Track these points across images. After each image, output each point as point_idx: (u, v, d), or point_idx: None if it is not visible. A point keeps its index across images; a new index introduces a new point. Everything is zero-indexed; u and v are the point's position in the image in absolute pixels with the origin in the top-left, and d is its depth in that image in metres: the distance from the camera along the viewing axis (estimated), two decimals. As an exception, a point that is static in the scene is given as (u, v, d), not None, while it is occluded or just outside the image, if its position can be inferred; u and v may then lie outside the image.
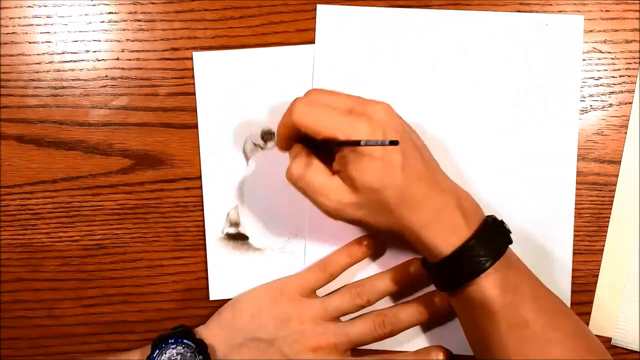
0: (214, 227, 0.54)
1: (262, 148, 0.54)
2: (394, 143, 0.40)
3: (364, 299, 0.51)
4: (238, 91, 0.54)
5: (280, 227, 0.54)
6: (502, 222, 0.47)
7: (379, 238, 0.53)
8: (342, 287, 0.53)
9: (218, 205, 0.54)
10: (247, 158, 0.54)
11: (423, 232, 0.45)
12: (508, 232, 0.47)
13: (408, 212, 0.44)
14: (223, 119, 0.54)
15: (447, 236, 0.44)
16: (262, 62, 0.53)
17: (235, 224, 0.54)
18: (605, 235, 0.53)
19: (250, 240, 0.54)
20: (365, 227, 0.47)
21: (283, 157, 0.49)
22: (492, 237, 0.45)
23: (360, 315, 0.52)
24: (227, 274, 0.54)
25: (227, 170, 0.54)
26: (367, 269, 0.54)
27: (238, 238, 0.54)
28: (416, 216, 0.44)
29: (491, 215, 0.47)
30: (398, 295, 0.53)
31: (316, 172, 0.46)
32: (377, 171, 0.44)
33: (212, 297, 0.54)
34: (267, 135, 0.54)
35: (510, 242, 0.46)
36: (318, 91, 0.47)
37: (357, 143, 0.42)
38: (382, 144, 0.41)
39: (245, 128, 0.54)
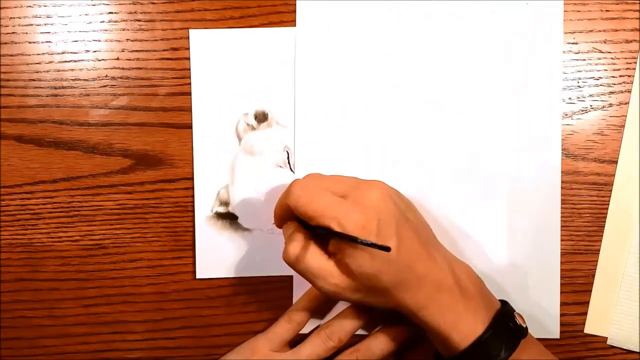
0: (204, 206, 0.54)
1: (254, 129, 0.54)
2: (386, 249, 0.41)
3: (335, 340, 0.51)
4: (232, 71, 0.53)
5: (270, 208, 0.53)
6: (514, 315, 0.46)
7: None
8: (311, 334, 0.52)
9: (208, 184, 0.54)
10: (239, 138, 0.54)
11: (422, 312, 0.45)
12: (521, 327, 0.46)
13: (405, 293, 0.45)
14: (217, 99, 0.53)
15: (444, 314, 0.45)
16: (258, 42, 0.53)
17: (225, 203, 0.54)
18: (605, 235, 0.53)
19: (239, 220, 0.54)
20: (364, 306, 0.48)
21: (275, 138, 0.48)
22: (507, 330, 0.45)
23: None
24: (214, 253, 0.54)
25: (219, 149, 0.54)
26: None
27: (227, 217, 0.54)
28: (413, 298, 0.45)
29: (505, 305, 0.47)
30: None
31: (313, 256, 0.45)
32: (372, 259, 0.43)
33: (198, 276, 0.54)
34: (260, 116, 0.54)
35: (526, 334, 0.46)
36: (316, 175, 0.47)
37: (353, 239, 0.42)
38: (376, 247, 0.41)
39: (239, 108, 0.54)
